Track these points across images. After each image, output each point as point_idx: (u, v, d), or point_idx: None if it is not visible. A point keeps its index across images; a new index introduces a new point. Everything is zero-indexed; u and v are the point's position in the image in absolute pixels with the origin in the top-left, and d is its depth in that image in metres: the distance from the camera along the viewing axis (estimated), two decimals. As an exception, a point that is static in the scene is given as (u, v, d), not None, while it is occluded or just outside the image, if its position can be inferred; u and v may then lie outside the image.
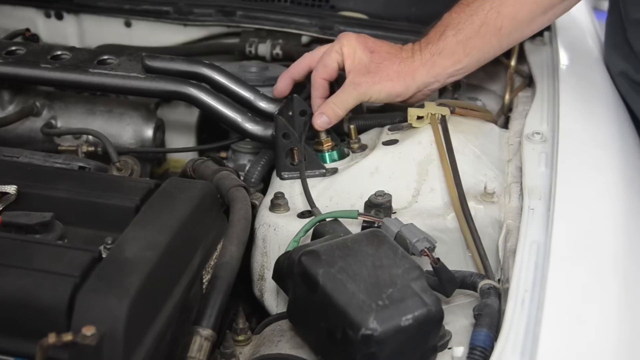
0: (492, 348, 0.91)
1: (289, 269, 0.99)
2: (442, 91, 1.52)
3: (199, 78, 1.37)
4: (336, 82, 1.35)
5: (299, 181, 1.26)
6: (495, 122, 1.42)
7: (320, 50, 1.34)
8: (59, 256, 0.90)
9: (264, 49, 1.74)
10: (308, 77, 1.35)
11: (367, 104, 1.64)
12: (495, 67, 1.77)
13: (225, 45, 1.85)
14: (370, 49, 1.28)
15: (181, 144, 1.75)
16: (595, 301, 0.93)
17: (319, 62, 1.30)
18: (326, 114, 1.29)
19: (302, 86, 1.40)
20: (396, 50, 1.31)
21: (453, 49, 1.27)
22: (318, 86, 1.30)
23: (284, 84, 1.35)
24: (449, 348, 0.97)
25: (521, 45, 1.65)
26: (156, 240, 0.92)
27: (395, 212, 1.17)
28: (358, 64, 1.28)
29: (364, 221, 1.10)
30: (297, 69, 1.35)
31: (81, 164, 1.26)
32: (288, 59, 1.71)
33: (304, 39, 1.76)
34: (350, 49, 1.28)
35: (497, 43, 1.28)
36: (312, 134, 1.32)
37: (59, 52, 1.41)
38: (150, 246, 0.91)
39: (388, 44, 1.32)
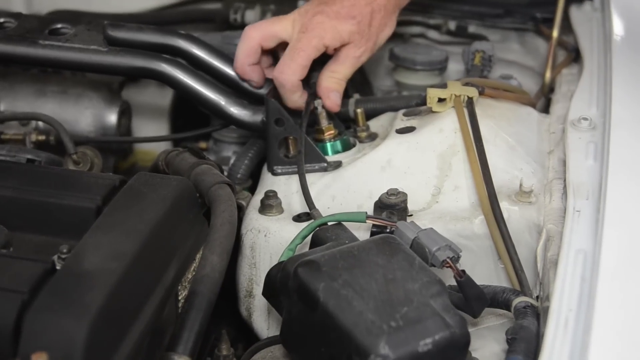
0: (528, 379, 0.92)
1: (283, 283, 0.99)
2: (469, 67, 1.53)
3: (173, 52, 1.38)
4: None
5: (295, 177, 1.26)
6: (534, 106, 1.43)
7: (267, 23, 1.33)
8: (3, 268, 0.90)
9: (252, 16, 1.75)
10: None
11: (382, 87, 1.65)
12: (533, 38, 1.77)
13: (205, 12, 1.85)
14: (350, 15, 1.30)
15: (151, 132, 1.76)
16: (654, 322, 0.93)
17: (294, 62, 1.28)
18: (334, 88, 1.31)
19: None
20: None
21: None
22: (296, 89, 1.31)
23: (255, 75, 1.34)
24: (477, 379, 0.98)
25: (566, 11, 1.65)
26: (122, 249, 0.92)
27: (411, 215, 1.18)
28: (349, 38, 1.30)
29: (374, 225, 1.11)
30: (249, 52, 1.32)
31: (30, 156, 1.26)
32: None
33: (302, 4, 1.77)
34: (334, 35, 1.30)
35: None
36: (312, 119, 1.33)
37: (1, 20, 1.41)
38: (115, 256, 0.91)
39: None
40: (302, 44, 1.29)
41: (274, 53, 1.36)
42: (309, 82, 1.34)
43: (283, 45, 1.32)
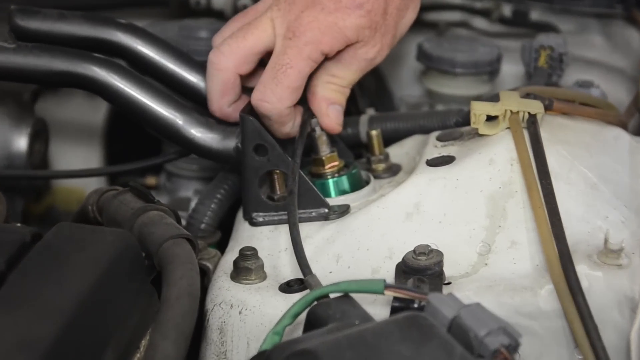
0: None
1: (266, 383, 0.99)
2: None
3: (109, 49, 1.39)
4: None
5: (283, 228, 1.27)
6: (625, 126, 1.44)
7: (237, 40, 1.33)
8: None
9: (221, -2, 1.77)
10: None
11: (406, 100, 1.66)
12: (623, 29, 1.78)
13: (155, -8, 1.88)
14: (355, 3, 1.31)
15: (78, 162, 1.76)
16: None
17: (279, 84, 1.29)
18: (334, 100, 1.34)
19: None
20: None
21: None
22: (286, 118, 1.32)
23: (238, 107, 1.34)
24: None
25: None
26: (34, 334, 0.92)
27: (449, 283, 1.18)
28: (357, 35, 1.32)
29: (396, 299, 1.11)
30: (224, 90, 1.34)
31: None
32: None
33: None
34: (334, 36, 1.31)
35: None
36: (308, 145, 1.34)
37: None
38: (24, 344, 0.91)
39: None
40: (290, 57, 1.30)
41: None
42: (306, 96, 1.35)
43: (268, 55, 1.33)
